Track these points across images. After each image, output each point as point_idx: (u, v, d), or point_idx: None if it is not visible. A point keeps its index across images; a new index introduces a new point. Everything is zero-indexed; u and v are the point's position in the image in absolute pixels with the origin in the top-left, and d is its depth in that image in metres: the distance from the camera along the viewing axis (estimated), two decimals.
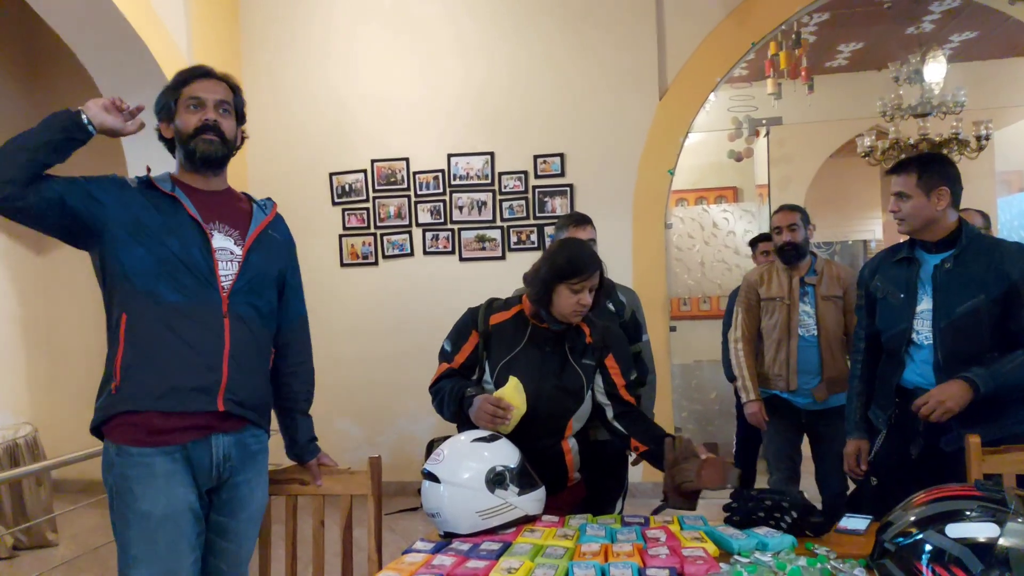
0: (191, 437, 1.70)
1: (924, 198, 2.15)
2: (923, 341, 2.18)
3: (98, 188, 1.69)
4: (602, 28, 4.88)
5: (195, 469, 1.72)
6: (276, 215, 1.91)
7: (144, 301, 1.68)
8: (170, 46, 4.44)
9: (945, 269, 2.16)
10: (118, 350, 1.68)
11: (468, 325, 2.09)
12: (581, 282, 1.95)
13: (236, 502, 1.80)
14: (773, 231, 3.28)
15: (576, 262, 1.96)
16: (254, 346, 1.79)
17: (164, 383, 1.66)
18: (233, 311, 1.74)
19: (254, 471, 1.83)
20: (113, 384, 1.68)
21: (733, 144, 6.64)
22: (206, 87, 1.80)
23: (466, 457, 1.81)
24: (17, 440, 4.25)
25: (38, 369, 5.61)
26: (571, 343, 2.07)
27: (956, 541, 1.26)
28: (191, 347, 1.68)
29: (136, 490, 1.66)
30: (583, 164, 4.93)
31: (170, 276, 1.68)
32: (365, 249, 5.17)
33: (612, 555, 1.54)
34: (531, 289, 2.01)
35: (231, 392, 1.72)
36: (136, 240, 1.68)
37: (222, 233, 1.77)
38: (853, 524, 1.71)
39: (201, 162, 1.77)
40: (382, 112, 5.14)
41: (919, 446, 2.15)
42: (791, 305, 3.18)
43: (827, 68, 7.35)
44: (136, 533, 1.66)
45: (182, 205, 1.73)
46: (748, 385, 3.26)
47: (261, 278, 1.81)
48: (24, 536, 4.28)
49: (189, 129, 1.76)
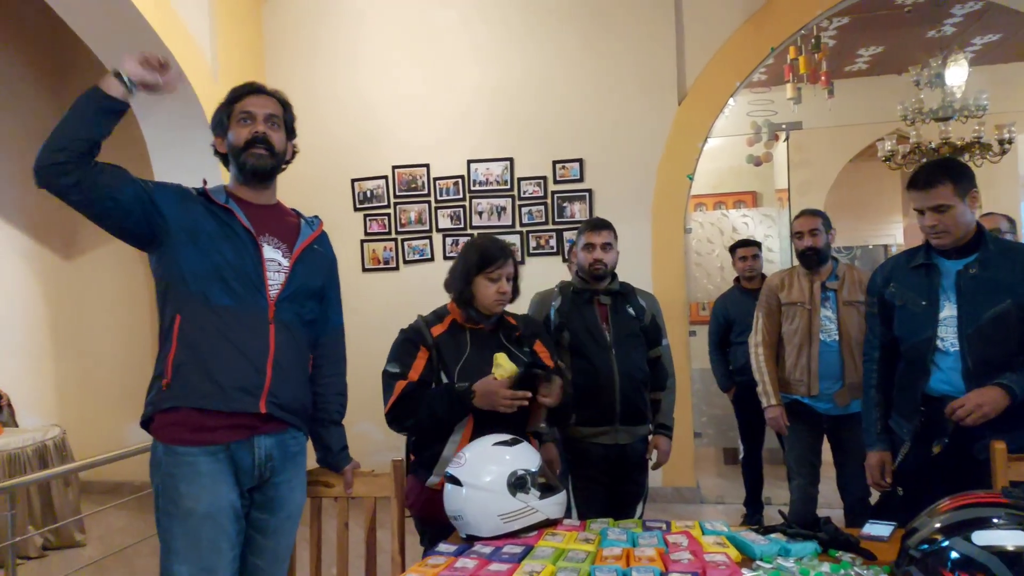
0: (234, 437, 1.76)
1: (963, 205, 2.13)
2: (949, 348, 2.16)
3: (160, 194, 1.77)
4: (621, 34, 4.89)
5: (238, 469, 1.78)
6: (322, 232, 2.00)
7: (197, 303, 1.75)
8: (194, 53, 4.51)
9: (970, 275, 2.14)
10: (171, 349, 1.75)
11: (412, 343, 2.14)
12: (496, 270, 2.11)
13: (276, 501, 1.86)
14: (794, 236, 3.27)
15: (487, 253, 2.13)
16: (296, 352, 1.87)
17: (211, 382, 1.73)
18: (279, 318, 1.82)
19: (294, 471, 1.89)
20: (164, 381, 1.75)
21: (752, 149, 6.63)
22: (256, 102, 1.87)
23: (488, 460, 1.83)
24: (46, 442, 4.32)
25: (66, 373, 5.70)
26: (506, 336, 2.19)
27: (983, 549, 1.26)
28: (238, 349, 1.75)
29: (181, 488, 1.72)
30: (602, 169, 4.94)
31: (223, 281, 1.76)
32: (386, 254, 5.22)
33: (634, 559, 1.55)
34: (454, 290, 2.15)
35: (273, 395, 1.79)
36: (194, 245, 1.76)
37: (271, 245, 1.85)
38: (877, 530, 1.71)
39: (251, 174, 1.86)
40: (403, 119, 5.18)
41: (943, 443, 2.13)
42: (812, 310, 3.16)
43: (847, 72, 7.31)
44: (179, 529, 1.72)
45: (236, 216, 1.81)
46: (769, 390, 3.25)
47: (305, 289, 1.89)
48: (53, 536, 4.36)
49: (240, 143, 1.84)
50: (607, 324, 2.70)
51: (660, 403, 2.83)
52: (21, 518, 4.05)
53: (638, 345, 2.73)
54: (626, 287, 2.82)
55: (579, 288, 2.77)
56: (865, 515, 3.17)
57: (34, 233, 5.48)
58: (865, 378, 2.45)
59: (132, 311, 5.69)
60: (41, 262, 5.55)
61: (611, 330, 2.69)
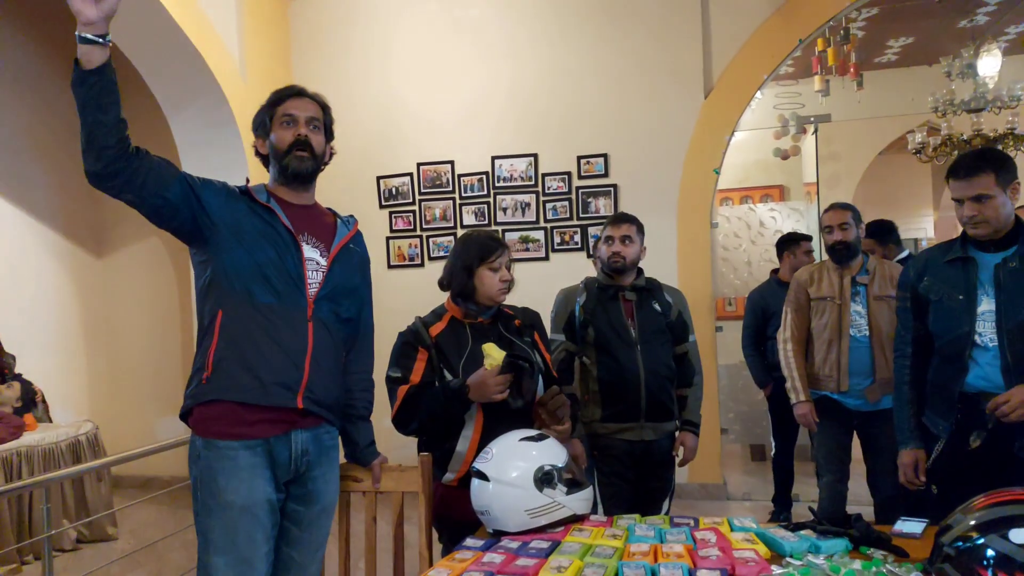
0: (273, 432, 1.79)
1: (1004, 195, 2.09)
2: (988, 343, 2.11)
3: (207, 192, 1.80)
4: (646, 27, 4.86)
5: (275, 463, 1.81)
6: (357, 232, 2.03)
7: (239, 300, 1.78)
8: (222, 53, 4.56)
9: (1010, 268, 2.09)
10: (212, 343, 1.78)
11: (411, 346, 2.13)
12: (497, 258, 2.13)
13: (312, 494, 1.89)
14: (824, 230, 3.23)
15: (485, 243, 2.16)
16: (333, 349, 1.90)
17: (251, 376, 1.76)
18: (317, 316, 1.85)
19: (328, 465, 1.93)
20: (205, 375, 1.78)
21: (779, 142, 6.54)
22: (298, 105, 1.91)
23: (514, 456, 1.83)
24: (79, 437, 4.40)
25: (99, 369, 5.81)
26: (506, 327, 2.20)
27: (1020, 547, 1.23)
28: (279, 346, 1.79)
29: (220, 481, 1.76)
30: (627, 164, 4.91)
31: (265, 279, 1.79)
32: (411, 251, 5.24)
33: (662, 555, 1.54)
34: (453, 286, 2.16)
35: (310, 391, 1.82)
36: (238, 242, 1.79)
37: (310, 244, 1.88)
38: (909, 527, 1.68)
39: (292, 177, 1.89)
40: (427, 116, 5.20)
41: (982, 437, 2.08)
42: (842, 305, 3.12)
43: (876, 64, 7.18)
44: (217, 522, 1.76)
45: (278, 216, 1.84)
46: (798, 386, 3.21)
47: (342, 287, 1.92)
48: (86, 530, 4.44)
49: (283, 145, 1.88)
50: (632, 320, 2.68)
51: (687, 399, 2.81)
52: (55, 512, 4.13)
53: (664, 341, 2.71)
54: (652, 283, 2.80)
55: (604, 284, 2.76)
56: (897, 512, 3.13)
57: (65, 232, 5.58)
58: (897, 374, 2.41)
59: (162, 307, 5.78)
60: (73, 260, 5.66)
61: (636, 326, 2.67)
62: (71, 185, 5.51)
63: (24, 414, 4.46)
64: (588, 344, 2.71)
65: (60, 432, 4.36)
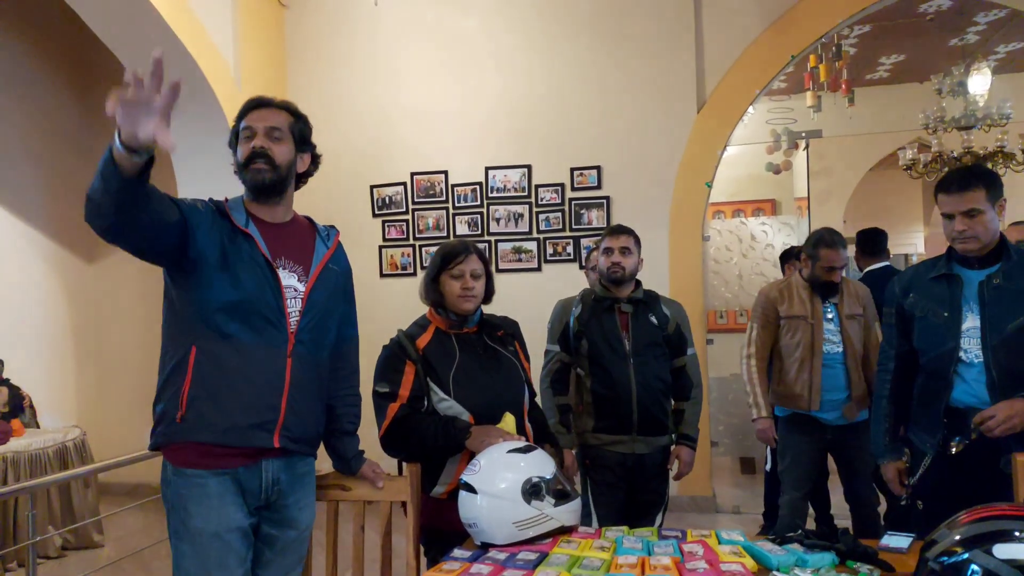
0: (243, 463, 1.76)
1: (992, 211, 2.12)
2: (973, 360, 2.12)
3: (200, 231, 1.72)
4: (640, 41, 4.89)
5: (245, 491, 1.78)
6: (338, 246, 1.96)
7: (215, 337, 1.73)
8: (217, 62, 4.57)
9: (994, 285, 2.11)
10: (185, 381, 1.73)
11: (398, 359, 2.09)
12: (457, 266, 2.12)
13: (286, 520, 1.87)
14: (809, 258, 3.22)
15: (446, 251, 2.16)
16: (315, 382, 1.86)
17: (226, 419, 1.72)
18: (296, 351, 1.80)
19: (303, 491, 1.90)
20: (178, 414, 1.73)
21: (771, 157, 6.59)
22: (257, 116, 1.82)
23: (502, 468, 1.82)
24: (67, 443, 4.38)
25: (87, 374, 5.77)
26: (490, 336, 2.20)
27: (1004, 562, 1.24)
28: (254, 386, 1.74)
29: (190, 508, 1.73)
30: (620, 176, 4.93)
31: (244, 316, 1.74)
32: (404, 260, 5.24)
33: (649, 568, 1.54)
34: (426, 297, 2.17)
35: (287, 429, 1.78)
36: (219, 276, 1.73)
37: (287, 269, 1.81)
38: (895, 542, 1.69)
39: (253, 190, 1.82)
40: (422, 126, 5.21)
41: (962, 443, 2.08)
42: (815, 324, 3.13)
43: (868, 80, 7.25)
44: (188, 547, 1.74)
45: (256, 243, 1.78)
46: (760, 402, 3.21)
47: (323, 315, 1.87)
48: (72, 536, 4.40)
49: (242, 159, 1.81)
50: (627, 333, 2.68)
51: (683, 413, 2.79)
52: (41, 518, 4.10)
53: (659, 355, 2.70)
54: (650, 295, 2.79)
55: (600, 296, 2.75)
56: (876, 524, 3.14)
57: (57, 236, 5.55)
58: (878, 388, 2.42)
59: (152, 314, 5.68)
60: (63, 265, 5.63)
61: (631, 339, 2.67)
62: (62, 189, 5.48)
63: (11, 419, 4.43)
64: (582, 356, 2.71)
65: (47, 438, 4.33)
